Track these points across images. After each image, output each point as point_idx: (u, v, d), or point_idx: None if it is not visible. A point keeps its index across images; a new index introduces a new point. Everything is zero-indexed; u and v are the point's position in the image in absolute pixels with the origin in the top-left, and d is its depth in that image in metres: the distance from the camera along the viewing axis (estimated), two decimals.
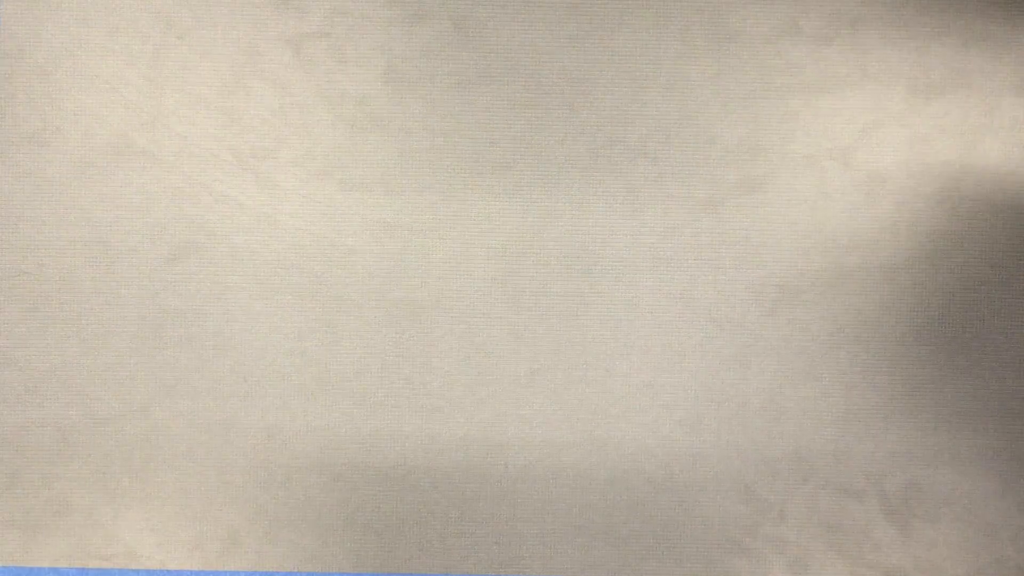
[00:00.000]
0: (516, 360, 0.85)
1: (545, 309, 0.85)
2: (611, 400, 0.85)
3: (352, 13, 0.86)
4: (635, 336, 0.85)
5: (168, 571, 0.84)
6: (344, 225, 0.85)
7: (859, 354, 0.85)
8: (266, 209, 0.85)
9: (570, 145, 0.86)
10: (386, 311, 0.85)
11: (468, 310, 0.85)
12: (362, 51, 0.86)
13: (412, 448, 0.84)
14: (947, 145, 0.85)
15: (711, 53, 0.86)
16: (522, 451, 0.84)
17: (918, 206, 0.85)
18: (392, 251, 0.85)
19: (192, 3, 0.86)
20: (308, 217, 0.85)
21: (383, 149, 0.86)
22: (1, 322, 0.85)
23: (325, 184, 0.85)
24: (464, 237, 0.85)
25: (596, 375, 0.85)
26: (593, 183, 0.85)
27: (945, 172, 0.85)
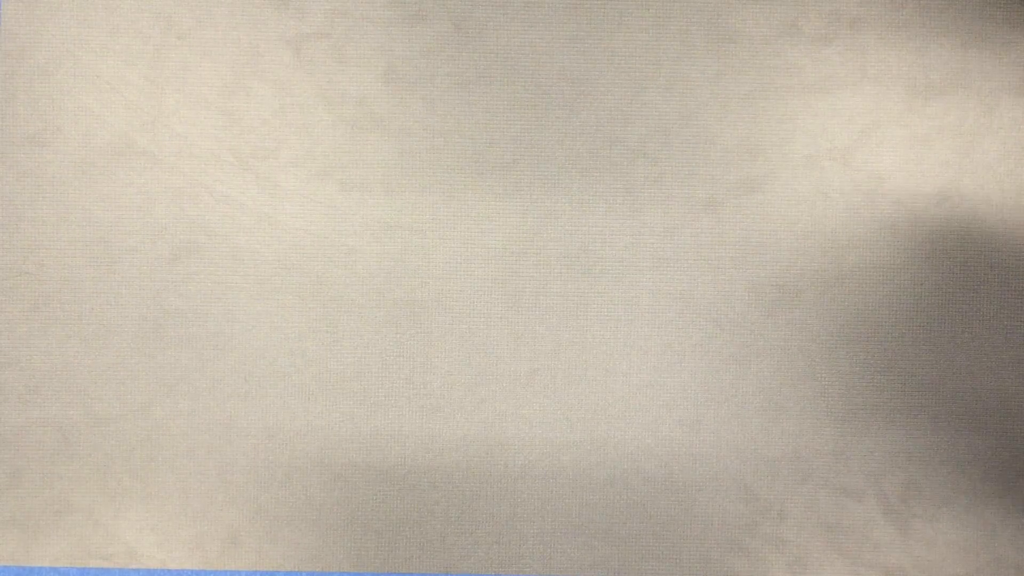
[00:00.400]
0: (516, 360, 0.85)
1: (545, 309, 0.85)
2: (611, 400, 0.85)
3: (352, 14, 0.86)
4: (635, 336, 0.85)
5: (168, 570, 0.84)
6: (344, 225, 0.85)
7: (859, 354, 0.85)
8: (266, 209, 0.85)
9: (570, 145, 0.86)
10: (386, 311, 0.85)
11: (468, 310, 0.85)
12: (362, 52, 0.86)
13: (412, 448, 0.84)
14: (946, 145, 0.85)
15: (711, 53, 0.86)
16: (522, 451, 0.84)
17: (918, 206, 0.85)
18: (392, 251, 0.85)
19: (192, 3, 0.86)
20: (308, 217, 0.85)
21: (383, 149, 0.86)
22: (2, 322, 0.85)
23: (325, 184, 0.86)
24: (464, 237, 0.85)
25: (596, 375, 0.85)
26: (593, 183, 0.86)
27: (945, 172, 0.85)
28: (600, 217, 0.85)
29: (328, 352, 0.85)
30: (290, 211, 0.85)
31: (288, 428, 0.84)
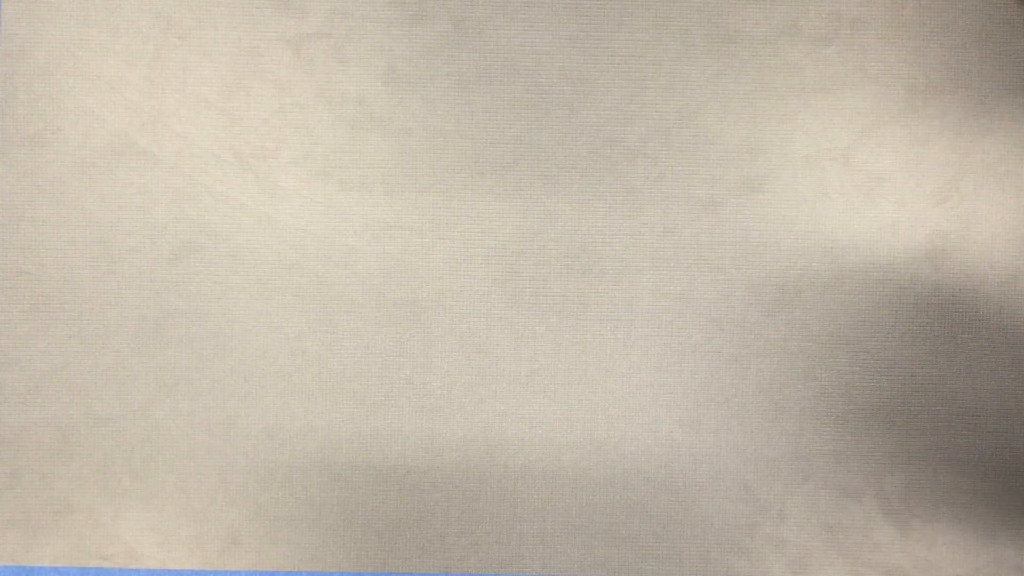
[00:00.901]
0: (516, 360, 0.85)
1: (545, 309, 0.85)
2: (611, 400, 0.85)
3: (352, 14, 0.86)
4: (635, 336, 0.85)
5: (168, 570, 0.84)
6: (344, 225, 0.85)
7: (859, 354, 0.85)
8: (266, 209, 0.85)
9: (570, 145, 0.86)
10: (386, 311, 0.85)
11: (468, 310, 0.85)
12: (362, 52, 0.86)
13: (412, 448, 0.84)
14: (946, 145, 0.85)
15: (711, 53, 0.86)
16: (522, 451, 0.84)
17: (918, 206, 0.85)
18: (392, 251, 0.85)
19: (192, 3, 0.86)
20: (308, 217, 0.85)
21: (383, 149, 0.86)
22: (1, 322, 0.85)
23: (325, 184, 0.86)
24: (464, 237, 0.85)
25: (596, 375, 0.85)
26: (593, 183, 0.86)
27: (944, 172, 0.85)
28: (600, 217, 0.85)
29: (328, 352, 0.85)
30: (290, 211, 0.85)
31: (288, 428, 0.84)
